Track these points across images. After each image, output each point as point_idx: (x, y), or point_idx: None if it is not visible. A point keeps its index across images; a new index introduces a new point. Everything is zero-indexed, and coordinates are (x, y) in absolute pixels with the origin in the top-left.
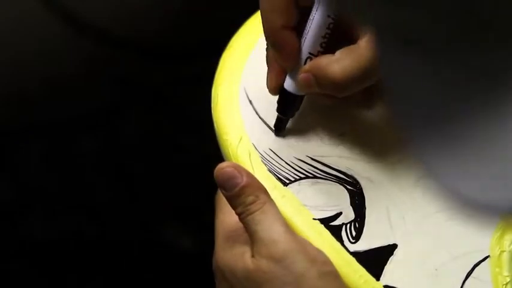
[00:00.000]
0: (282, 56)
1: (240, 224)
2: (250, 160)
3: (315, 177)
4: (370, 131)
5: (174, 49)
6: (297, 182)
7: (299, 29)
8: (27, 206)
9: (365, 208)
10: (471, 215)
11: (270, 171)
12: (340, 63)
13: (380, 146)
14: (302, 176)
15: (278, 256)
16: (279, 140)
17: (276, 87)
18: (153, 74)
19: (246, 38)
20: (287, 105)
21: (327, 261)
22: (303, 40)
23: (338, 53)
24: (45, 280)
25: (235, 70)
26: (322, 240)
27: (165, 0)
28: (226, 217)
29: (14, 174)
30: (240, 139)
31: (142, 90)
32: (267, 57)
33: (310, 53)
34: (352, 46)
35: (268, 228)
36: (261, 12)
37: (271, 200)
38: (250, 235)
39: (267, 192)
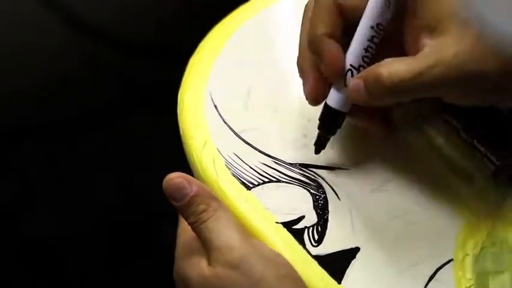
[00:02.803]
0: (322, 63)
1: None
2: (214, 164)
3: (278, 181)
4: (335, 136)
5: (174, 49)
6: (261, 186)
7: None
8: (27, 206)
9: (328, 212)
10: (434, 217)
11: (233, 175)
12: (389, 66)
13: (344, 150)
14: (266, 180)
15: (235, 262)
16: (243, 144)
17: (314, 98)
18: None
19: (212, 44)
20: (329, 122)
21: (284, 264)
22: (347, 53)
23: (390, 59)
24: (45, 280)
25: (202, 75)
26: (284, 243)
27: (165, 0)
28: (187, 227)
29: (14, 174)
30: (205, 143)
31: (142, 90)
32: (299, 66)
33: (351, 65)
34: (407, 57)
35: (222, 235)
36: (304, 20)
37: (224, 206)
38: (204, 244)
39: (218, 200)
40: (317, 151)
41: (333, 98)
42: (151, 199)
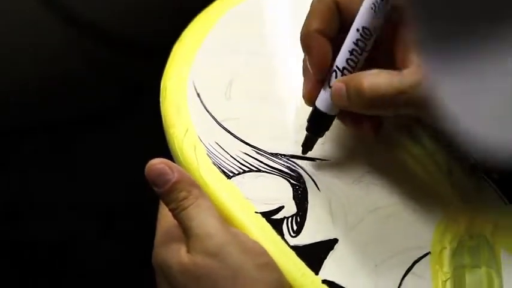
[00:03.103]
0: (310, 60)
1: None
2: (195, 153)
3: (259, 170)
4: None
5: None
6: (241, 175)
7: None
8: (27, 206)
9: (307, 202)
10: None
11: (214, 164)
12: (373, 78)
13: (326, 141)
14: (246, 169)
15: (213, 250)
16: (225, 133)
17: (309, 98)
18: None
19: (196, 32)
20: (317, 124)
21: (263, 253)
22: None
23: (377, 70)
24: (45, 280)
25: (185, 63)
26: (263, 233)
27: (165, 0)
28: (167, 213)
29: (14, 174)
30: (186, 131)
31: (142, 90)
32: (303, 66)
33: (337, 66)
34: (394, 71)
35: (202, 223)
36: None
37: (204, 194)
38: (184, 231)
39: (200, 187)
40: (304, 152)
41: (322, 101)
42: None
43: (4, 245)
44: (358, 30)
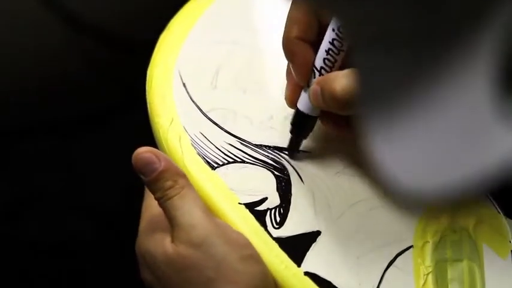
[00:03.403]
0: (293, 67)
1: None
2: (180, 143)
3: (243, 161)
4: None
5: None
6: (225, 166)
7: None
8: (27, 206)
9: (291, 194)
10: (395, 204)
11: (199, 155)
12: (344, 79)
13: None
14: (230, 160)
15: (197, 241)
16: (210, 123)
17: (291, 100)
18: None
19: (183, 21)
20: (300, 125)
21: (247, 244)
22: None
23: (348, 70)
24: (45, 280)
25: (171, 52)
26: (246, 225)
27: (165, 1)
28: (153, 202)
29: (14, 174)
30: (171, 121)
31: (142, 90)
32: (287, 69)
33: (314, 67)
34: None
35: (187, 213)
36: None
37: (190, 184)
38: (169, 220)
39: (186, 177)
40: (291, 155)
41: (303, 103)
42: None
43: (4, 245)
44: (333, 30)
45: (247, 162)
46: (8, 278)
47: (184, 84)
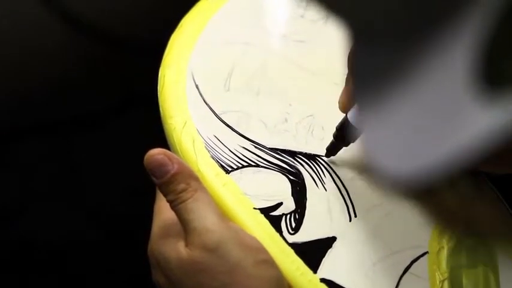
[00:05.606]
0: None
1: None
2: (193, 146)
3: (257, 165)
4: (314, 123)
5: None
6: (239, 170)
7: None
8: (27, 206)
9: (306, 199)
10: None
11: (212, 158)
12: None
13: (325, 137)
14: (245, 164)
15: (212, 246)
16: (223, 126)
17: (344, 107)
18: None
19: (196, 20)
20: (344, 134)
21: (261, 249)
22: None
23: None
24: (44, 280)
25: (184, 53)
26: (261, 230)
27: (165, 1)
28: (165, 205)
29: (14, 174)
30: (185, 124)
31: (142, 90)
32: (347, 76)
33: None
34: None
35: (200, 217)
36: None
37: (203, 187)
38: (182, 224)
39: (199, 180)
40: (327, 155)
41: (354, 114)
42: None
43: (4, 245)
44: None
45: (262, 166)
46: (8, 278)
47: (197, 86)
